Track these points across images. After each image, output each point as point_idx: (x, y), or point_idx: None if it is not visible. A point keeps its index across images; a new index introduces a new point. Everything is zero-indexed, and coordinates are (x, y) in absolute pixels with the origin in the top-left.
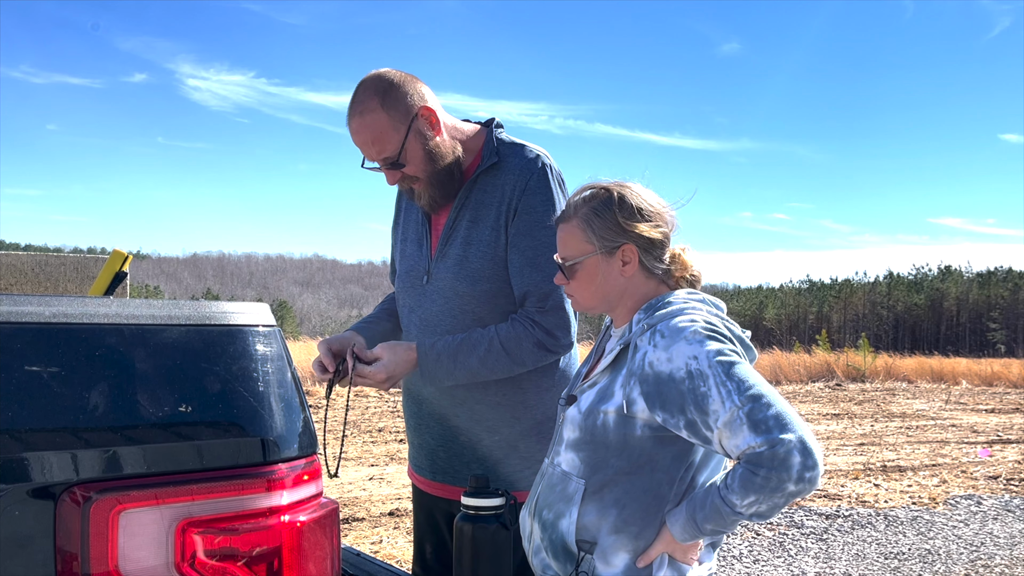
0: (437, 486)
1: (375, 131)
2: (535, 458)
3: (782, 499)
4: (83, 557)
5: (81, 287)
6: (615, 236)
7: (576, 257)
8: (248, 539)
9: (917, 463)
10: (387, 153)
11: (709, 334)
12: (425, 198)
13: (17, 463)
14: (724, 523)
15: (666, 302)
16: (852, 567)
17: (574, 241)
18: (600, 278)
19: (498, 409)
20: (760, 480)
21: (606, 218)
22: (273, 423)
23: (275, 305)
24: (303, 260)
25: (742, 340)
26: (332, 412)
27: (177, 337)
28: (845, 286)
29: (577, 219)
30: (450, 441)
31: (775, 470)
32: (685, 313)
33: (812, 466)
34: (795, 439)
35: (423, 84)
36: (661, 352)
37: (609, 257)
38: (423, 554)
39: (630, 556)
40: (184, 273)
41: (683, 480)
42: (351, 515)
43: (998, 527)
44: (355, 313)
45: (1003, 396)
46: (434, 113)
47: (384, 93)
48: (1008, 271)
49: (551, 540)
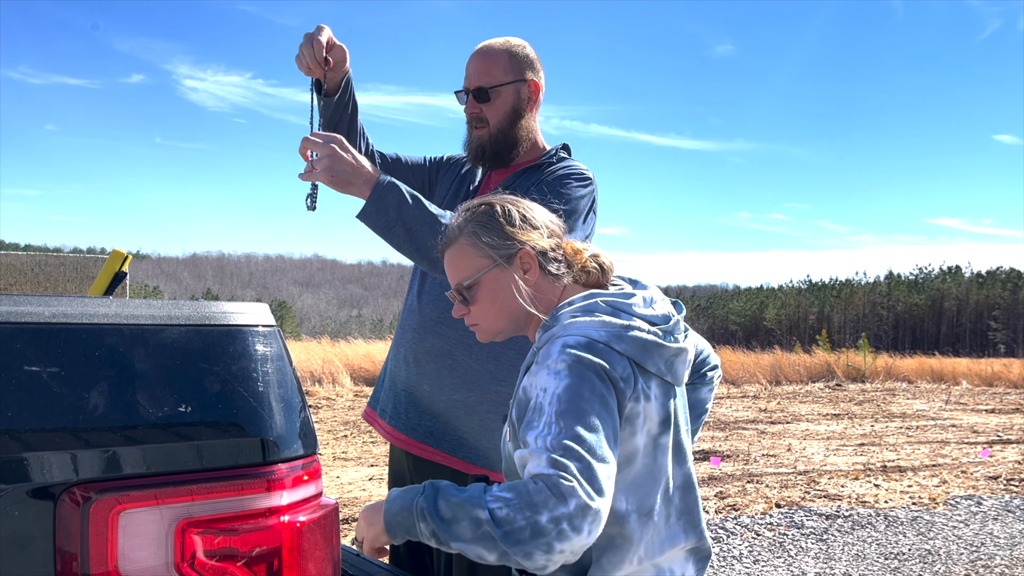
0: (390, 429)
1: (489, 63)
2: (494, 433)
3: (527, 522)
4: (83, 557)
5: (81, 287)
6: (507, 244)
7: (473, 275)
8: (248, 539)
9: (917, 463)
10: (484, 82)
11: (570, 364)
12: (475, 147)
13: (17, 463)
14: (456, 515)
15: (555, 317)
16: (852, 567)
17: (466, 260)
18: (504, 292)
19: (467, 370)
20: (531, 488)
21: (494, 229)
22: (273, 423)
23: (275, 305)
24: (303, 260)
25: (643, 346)
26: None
27: (177, 337)
28: (845, 286)
29: (464, 236)
30: (412, 389)
31: (551, 490)
32: (566, 334)
33: (578, 527)
34: (583, 491)
35: (544, 77)
36: (529, 378)
37: (508, 267)
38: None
39: None
40: (184, 273)
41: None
42: (351, 515)
43: (998, 527)
44: (355, 313)
45: (1003, 396)
46: (538, 93)
47: (516, 48)
48: (1008, 271)
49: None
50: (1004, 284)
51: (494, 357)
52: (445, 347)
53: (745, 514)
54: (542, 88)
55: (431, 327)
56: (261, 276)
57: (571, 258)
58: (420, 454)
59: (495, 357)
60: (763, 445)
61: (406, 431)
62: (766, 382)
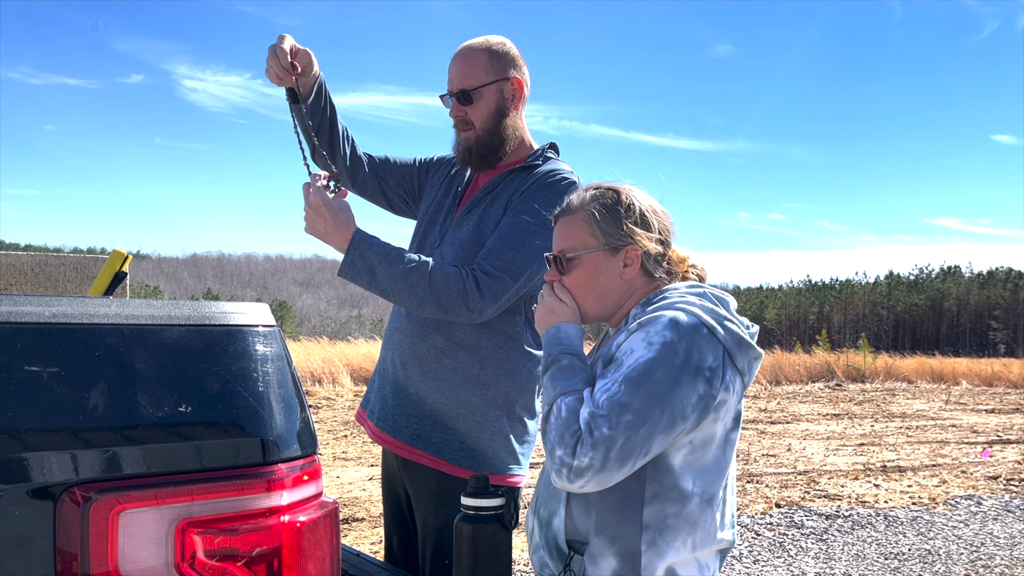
0: (377, 431)
1: (469, 63)
2: (480, 437)
3: (551, 444)
4: (83, 557)
5: (81, 287)
6: (620, 236)
7: (577, 251)
8: (248, 539)
9: (917, 463)
10: (466, 84)
11: (665, 342)
12: (463, 149)
13: (17, 463)
14: (550, 371)
15: (662, 296)
16: (852, 567)
17: (577, 234)
18: (600, 277)
19: (451, 373)
20: (571, 427)
21: (613, 217)
22: (273, 423)
23: (275, 305)
24: (303, 260)
25: (739, 341)
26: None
27: (177, 337)
28: (845, 286)
29: (584, 213)
30: (400, 391)
31: (575, 439)
32: (676, 308)
33: (572, 478)
34: (605, 447)
35: (528, 72)
36: (625, 337)
37: (612, 256)
38: (386, 513)
39: (616, 562)
40: (184, 273)
41: (655, 479)
42: (351, 515)
43: (998, 527)
44: (355, 313)
45: (1003, 396)
46: (522, 90)
47: (495, 46)
48: (1009, 271)
49: (546, 539)
50: (1004, 284)
51: (479, 360)
52: (431, 350)
53: (745, 514)
54: (526, 85)
55: (418, 330)
56: (261, 276)
57: (674, 265)
58: (407, 456)
59: (480, 360)
60: (763, 445)
61: (393, 432)
62: (766, 382)
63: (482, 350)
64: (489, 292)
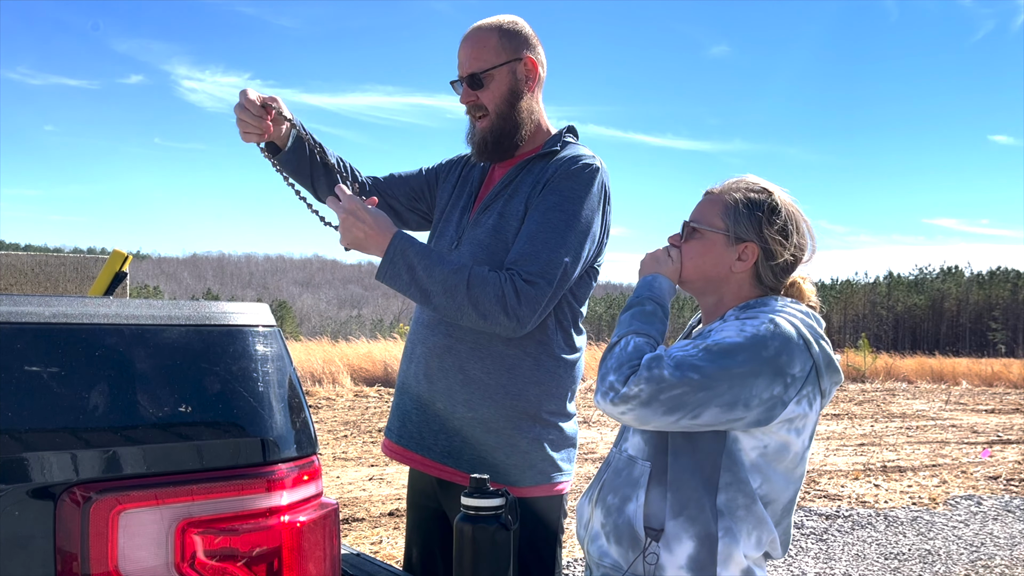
0: (400, 450)
1: (479, 44)
2: (514, 449)
3: (607, 368)
4: (83, 557)
5: (81, 287)
6: (748, 232)
7: (703, 226)
8: (248, 539)
9: (917, 463)
10: (476, 67)
11: (757, 335)
12: (478, 139)
13: (17, 463)
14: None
15: (763, 301)
16: (852, 567)
17: (711, 212)
18: (711, 257)
19: (480, 385)
20: (636, 360)
21: (751, 215)
22: (273, 423)
23: (275, 305)
24: (303, 260)
25: (828, 362)
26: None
27: (177, 337)
28: (845, 286)
29: (728, 196)
30: (425, 406)
31: (632, 371)
32: (777, 312)
33: (615, 401)
34: (657, 386)
35: (543, 52)
36: (720, 323)
37: (731, 245)
38: (409, 532)
39: (694, 545)
40: (184, 273)
41: (729, 468)
42: (351, 515)
43: (998, 527)
44: (355, 313)
45: (1003, 396)
46: (537, 71)
47: (507, 25)
48: (1008, 271)
49: (615, 525)
50: (1004, 284)
51: (507, 369)
52: (457, 362)
53: None
54: (541, 66)
55: (442, 341)
56: (261, 276)
57: (787, 288)
58: (439, 475)
59: (508, 369)
60: None
61: (420, 450)
62: None
63: (510, 358)
64: (527, 301)
